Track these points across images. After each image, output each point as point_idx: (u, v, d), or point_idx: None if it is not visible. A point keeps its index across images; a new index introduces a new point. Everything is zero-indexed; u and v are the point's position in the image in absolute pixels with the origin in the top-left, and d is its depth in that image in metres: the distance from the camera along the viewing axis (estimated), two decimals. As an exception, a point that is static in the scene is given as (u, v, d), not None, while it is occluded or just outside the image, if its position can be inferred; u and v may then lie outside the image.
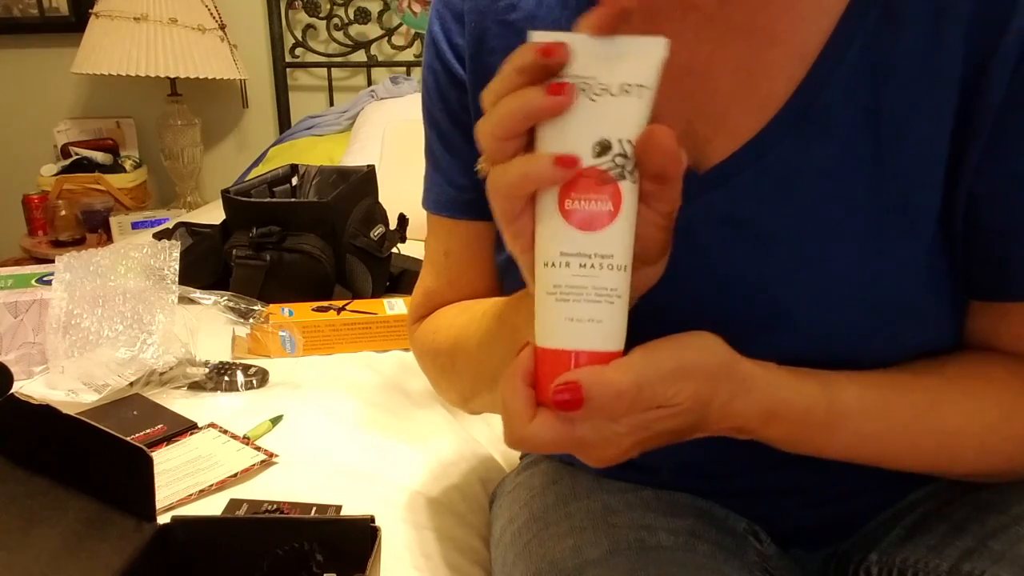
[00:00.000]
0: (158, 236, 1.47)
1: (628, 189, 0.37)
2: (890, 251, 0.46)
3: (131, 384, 0.95)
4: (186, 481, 0.76)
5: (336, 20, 2.40)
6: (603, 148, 0.37)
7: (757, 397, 0.43)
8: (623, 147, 0.37)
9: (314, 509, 0.72)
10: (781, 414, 0.44)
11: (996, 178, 0.45)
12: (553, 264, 0.38)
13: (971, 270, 0.48)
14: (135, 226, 2.26)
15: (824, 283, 0.47)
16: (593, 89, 0.36)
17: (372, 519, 0.53)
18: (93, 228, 2.34)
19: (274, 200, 1.46)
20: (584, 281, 0.37)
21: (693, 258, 0.49)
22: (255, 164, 2.27)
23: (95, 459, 0.52)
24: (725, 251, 0.49)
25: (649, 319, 0.50)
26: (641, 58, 0.37)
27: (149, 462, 0.51)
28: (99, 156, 2.43)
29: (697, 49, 0.49)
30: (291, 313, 1.15)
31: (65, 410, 0.49)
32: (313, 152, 2.12)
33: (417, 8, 2.35)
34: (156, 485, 0.53)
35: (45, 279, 1.10)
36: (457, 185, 0.61)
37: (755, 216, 0.48)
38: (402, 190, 1.61)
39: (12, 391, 0.53)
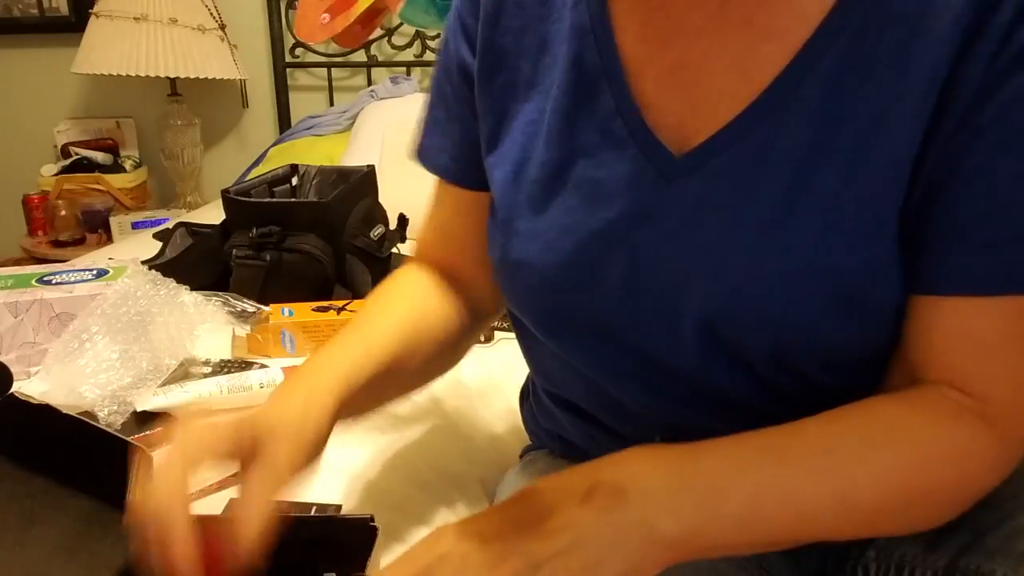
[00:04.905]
0: (158, 236, 1.47)
1: None
2: (856, 244, 0.47)
3: (131, 384, 0.95)
4: (186, 481, 0.76)
5: (336, 20, 2.40)
6: None
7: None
8: None
9: (314, 509, 0.72)
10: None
11: (952, 170, 0.45)
12: None
13: (916, 264, 0.47)
14: (135, 226, 2.26)
15: (789, 272, 0.47)
16: None
17: (371, 518, 0.53)
18: (93, 228, 2.34)
19: (274, 200, 1.45)
20: None
21: (662, 244, 0.50)
22: (255, 164, 2.27)
23: (94, 458, 0.52)
24: (694, 237, 0.50)
25: (623, 304, 0.52)
26: None
27: (148, 461, 0.51)
28: (99, 156, 2.43)
29: (697, 44, 0.50)
30: (291, 313, 1.15)
31: (64, 410, 0.49)
32: (313, 152, 2.12)
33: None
34: (156, 485, 0.53)
35: (45, 279, 1.10)
36: (449, 154, 0.64)
37: (724, 200, 0.49)
38: (402, 190, 1.61)
39: (11, 391, 0.53)
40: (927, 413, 0.47)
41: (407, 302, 0.65)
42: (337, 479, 0.78)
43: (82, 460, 0.52)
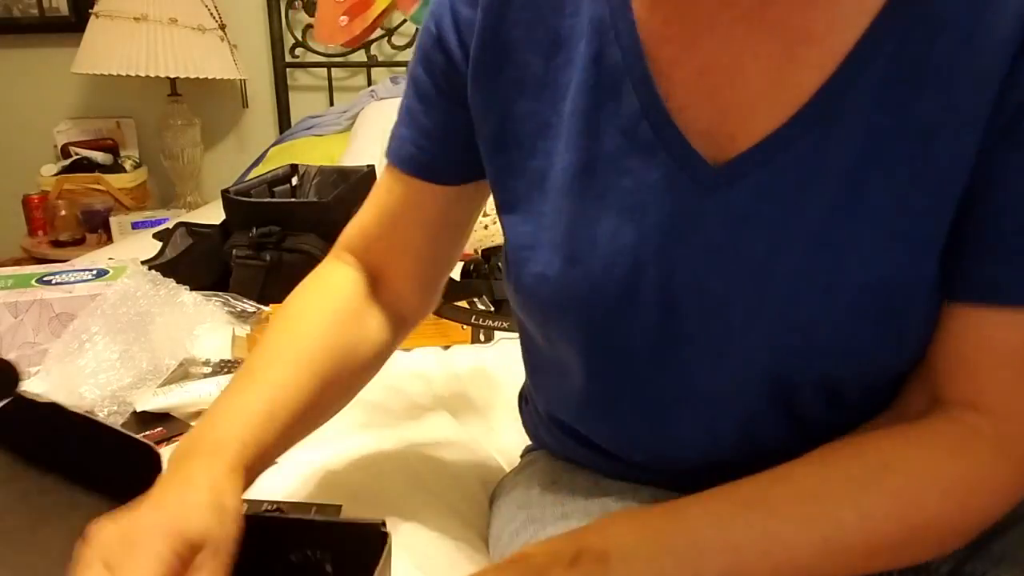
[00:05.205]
0: (158, 236, 1.47)
1: None
2: (908, 262, 0.45)
3: (131, 384, 0.95)
4: (187, 481, 0.76)
5: (336, 20, 2.40)
6: None
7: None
8: None
9: (314, 509, 0.72)
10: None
11: (992, 179, 0.43)
12: None
13: (951, 272, 0.46)
14: (135, 226, 2.26)
15: (840, 291, 0.46)
16: None
17: (383, 523, 0.52)
18: (93, 228, 2.34)
19: (274, 200, 1.45)
20: None
21: (701, 263, 0.48)
22: (255, 164, 2.27)
23: (103, 457, 0.52)
24: (736, 255, 0.47)
25: (661, 328, 0.50)
26: None
27: (158, 459, 0.51)
28: (99, 156, 2.43)
29: (727, 45, 0.47)
30: (291, 313, 1.15)
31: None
32: (313, 152, 2.12)
33: None
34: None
35: (45, 279, 1.10)
36: (417, 144, 0.61)
37: (770, 215, 0.46)
38: (402, 190, 1.61)
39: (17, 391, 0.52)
40: (926, 446, 0.46)
41: (332, 337, 0.61)
42: (337, 479, 0.78)
43: (91, 458, 0.52)
